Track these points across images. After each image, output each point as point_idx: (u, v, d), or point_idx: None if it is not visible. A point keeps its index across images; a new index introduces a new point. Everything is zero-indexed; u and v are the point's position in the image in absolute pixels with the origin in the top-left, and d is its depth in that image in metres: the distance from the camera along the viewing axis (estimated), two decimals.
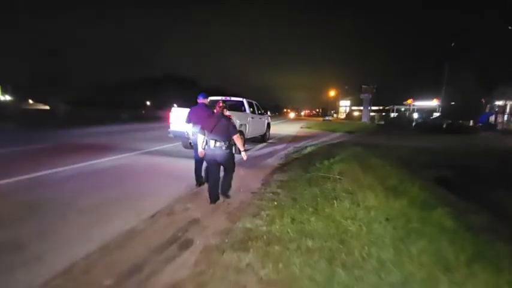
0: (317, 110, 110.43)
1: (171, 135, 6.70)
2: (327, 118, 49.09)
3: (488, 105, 22.05)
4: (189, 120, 4.14)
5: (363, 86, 44.79)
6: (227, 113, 3.60)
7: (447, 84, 24.26)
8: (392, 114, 42.19)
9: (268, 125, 10.56)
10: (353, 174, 4.92)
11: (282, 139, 11.94)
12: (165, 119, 6.75)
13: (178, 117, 6.67)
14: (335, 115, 69.20)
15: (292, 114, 71.49)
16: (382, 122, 33.94)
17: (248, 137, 8.21)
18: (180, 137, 6.78)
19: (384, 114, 46.82)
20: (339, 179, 4.58)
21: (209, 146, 3.37)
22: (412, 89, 39.66)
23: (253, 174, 5.14)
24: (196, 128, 3.74)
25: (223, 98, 8.30)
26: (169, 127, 6.77)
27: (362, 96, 46.35)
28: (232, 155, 3.55)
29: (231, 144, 3.45)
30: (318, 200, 3.44)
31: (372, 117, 40.48)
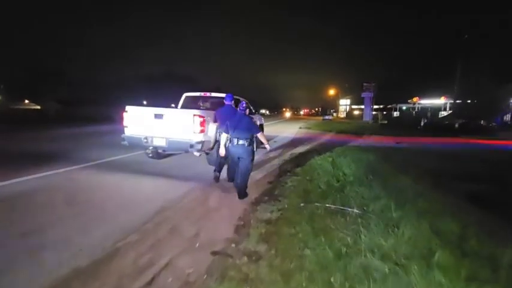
0: (316, 108, 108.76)
1: (125, 142, 5.00)
2: (326, 117, 47.40)
3: (509, 103, 20.20)
4: (217, 120, 4.47)
5: (365, 84, 43.04)
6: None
7: (458, 81, 22.59)
8: (395, 113, 40.49)
9: (261, 127, 8.86)
10: (378, 204, 3.26)
11: (277, 142, 10.27)
12: (121, 121, 5.06)
13: (135, 119, 4.99)
14: (335, 114, 67.53)
15: (288, 114, 68.71)
16: (386, 121, 32.23)
17: None
18: (137, 145, 5.08)
19: (384, 113, 45.19)
20: (359, 216, 2.92)
21: (232, 143, 3.61)
22: (415, 87, 38.01)
23: (229, 204, 3.47)
24: (222, 128, 3.90)
25: (203, 93, 6.62)
26: (123, 132, 5.08)
27: (363, 94, 44.63)
28: (253, 152, 3.79)
29: (252, 142, 3.68)
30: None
31: (375, 116, 38.76)
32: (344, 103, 69.05)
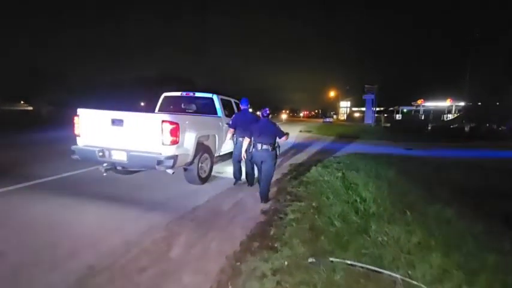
0: (316, 111, 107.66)
1: (76, 156, 3.82)
2: (327, 120, 46.27)
3: None
4: (235, 125, 4.33)
5: (366, 86, 41.91)
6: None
7: (462, 82, 21.50)
8: (398, 116, 39.35)
9: None
10: (427, 262, 2.11)
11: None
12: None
13: (88, 126, 3.83)
14: (335, 116, 66.55)
15: (284, 116, 66.13)
16: (388, 124, 31.15)
17: (221, 154, 5.38)
18: (90, 160, 3.89)
19: (386, 115, 44.15)
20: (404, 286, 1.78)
21: (256, 148, 3.67)
22: (418, 89, 37.00)
23: (200, 258, 2.30)
24: (243, 133, 4.03)
25: (186, 93, 5.47)
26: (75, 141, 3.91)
27: (365, 96, 43.61)
28: (276, 156, 3.81)
29: (275, 147, 3.76)
30: None
31: (378, 119, 37.65)
32: (344, 105, 68.03)
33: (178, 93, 5.48)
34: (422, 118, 28.51)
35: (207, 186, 4.42)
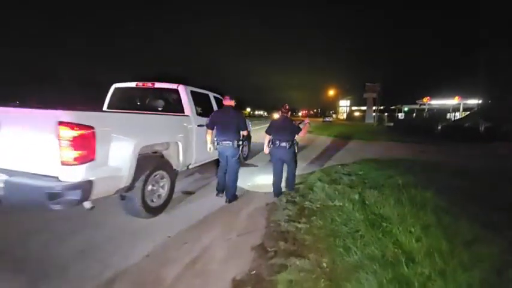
0: (315, 110, 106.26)
1: None
2: (327, 119, 44.88)
3: None
4: (212, 125, 3.58)
5: (367, 84, 40.58)
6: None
7: (472, 78, 20.06)
8: (400, 115, 37.87)
9: (248, 136, 6.22)
10: None
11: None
12: None
13: None
14: (334, 115, 65.24)
15: (276, 115, 63.88)
16: (391, 124, 29.70)
17: (196, 165, 3.92)
18: None
19: (386, 114, 42.77)
20: None
21: (275, 145, 3.64)
22: (419, 87, 35.58)
23: None
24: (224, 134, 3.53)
25: (141, 83, 3.98)
26: None
27: (365, 95, 42.27)
28: (295, 153, 3.79)
29: (293, 144, 3.70)
30: None
31: (380, 118, 36.25)
32: (344, 104, 66.64)
33: (132, 84, 4.00)
34: (427, 117, 27.00)
35: (165, 217, 2.97)
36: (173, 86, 3.79)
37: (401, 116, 37.09)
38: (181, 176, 4.27)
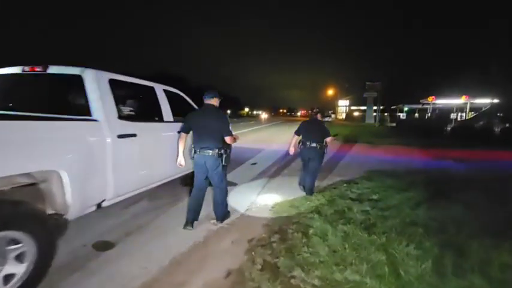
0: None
1: None
2: (325, 120, 43.57)
3: None
4: (188, 128, 2.99)
5: (367, 83, 39.12)
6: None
7: (482, 76, 18.61)
8: (402, 115, 36.36)
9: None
10: None
11: (259, 164, 6.15)
12: None
13: None
14: (333, 115, 63.87)
15: (264, 116, 60.07)
16: (394, 124, 28.27)
17: (119, 198, 2.42)
18: None
19: (386, 114, 41.36)
20: None
21: (305, 146, 3.82)
22: (420, 86, 34.26)
23: None
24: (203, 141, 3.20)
25: (27, 68, 2.48)
26: None
27: (366, 94, 40.86)
28: (323, 155, 3.90)
29: (323, 146, 3.84)
30: None
31: (382, 118, 34.82)
32: (343, 104, 65.16)
33: (15, 69, 2.49)
34: (433, 117, 25.56)
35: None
36: (75, 70, 2.28)
37: (402, 116, 35.70)
38: (110, 209, 2.75)
